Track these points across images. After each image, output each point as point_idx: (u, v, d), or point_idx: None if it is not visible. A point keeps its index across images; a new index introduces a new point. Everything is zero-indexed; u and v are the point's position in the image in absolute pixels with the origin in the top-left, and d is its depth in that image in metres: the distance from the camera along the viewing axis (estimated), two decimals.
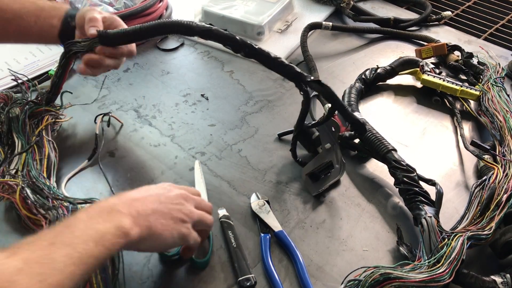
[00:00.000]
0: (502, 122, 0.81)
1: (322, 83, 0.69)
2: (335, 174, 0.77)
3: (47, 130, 0.81)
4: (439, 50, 1.03)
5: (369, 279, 0.58)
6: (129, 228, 0.53)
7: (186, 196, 0.63)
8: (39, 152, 0.76)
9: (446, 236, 0.63)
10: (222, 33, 0.71)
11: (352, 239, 0.71)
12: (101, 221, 0.52)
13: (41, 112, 0.81)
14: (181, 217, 0.59)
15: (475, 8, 1.28)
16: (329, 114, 0.73)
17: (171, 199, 0.60)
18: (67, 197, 0.69)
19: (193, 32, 0.72)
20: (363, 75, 0.96)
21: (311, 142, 0.81)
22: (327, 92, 0.70)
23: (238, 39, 0.70)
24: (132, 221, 0.54)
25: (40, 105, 0.81)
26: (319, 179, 0.78)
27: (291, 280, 0.65)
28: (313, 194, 0.77)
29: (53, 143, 0.79)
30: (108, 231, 0.51)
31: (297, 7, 1.22)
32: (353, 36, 1.15)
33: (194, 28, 0.71)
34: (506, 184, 0.69)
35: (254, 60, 0.72)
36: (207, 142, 0.87)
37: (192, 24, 0.71)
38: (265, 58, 0.71)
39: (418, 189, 0.71)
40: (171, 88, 0.99)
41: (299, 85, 0.72)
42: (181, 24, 0.72)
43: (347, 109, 0.74)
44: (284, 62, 0.71)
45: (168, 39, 1.12)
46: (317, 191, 0.76)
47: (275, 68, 0.72)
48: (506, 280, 0.61)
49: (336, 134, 0.78)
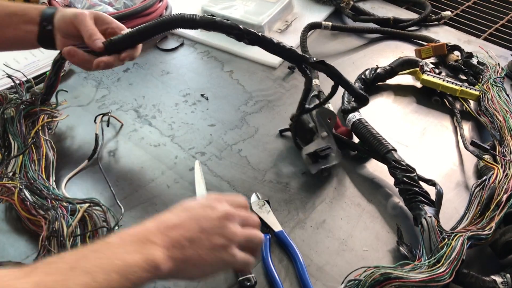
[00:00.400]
0: (502, 122, 0.81)
1: (326, 63, 0.73)
2: (332, 160, 0.79)
3: (44, 129, 0.80)
4: (439, 50, 1.03)
5: (369, 279, 0.58)
6: (160, 262, 0.48)
7: (232, 215, 0.55)
8: (37, 152, 0.76)
9: (446, 236, 0.63)
10: (225, 23, 0.72)
11: (352, 239, 0.71)
12: (131, 251, 0.47)
13: (37, 112, 0.80)
14: (223, 243, 0.53)
15: (474, 8, 1.28)
16: (333, 90, 0.76)
17: (212, 222, 0.54)
18: (66, 197, 0.69)
19: (197, 25, 0.73)
20: (362, 75, 0.96)
21: (307, 131, 0.83)
22: (331, 71, 0.74)
23: (242, 28, 0.72)
24: (165, 254, 0.49)
25: (35, 105, 0.80)
26: (318, 161, 0.79)
27: (291, 280, 0.65)
28: (313, 172, 0.78)
29: (51, 142, 0.79)
30: (136, 263, 0.46)
31: (296, 7, 1.22)
32: (353, 36, 1.15)
33: (198, 21, 0.72)
34: (506, 184, 0.69)
35: (258, 46, 0.74)
36: (207, 142, 0.87)
37: (196, 18, 0.72)
38: (268, 43, 0.73)
39: (418, 189, 0.71)
40: (171, 88, 0.99)
41: (300, 67, 0.75)
42: (185, 18, 0.73)
43: (351, 85, 0.77)
44: (286, 46, 0.74)
45: (168, 39, 1.12)
46: (318, 169, 0.78)
47: (278, 52, 0.75)
48: (506, 280, 0.61)
49: (332, 125, 0.81)
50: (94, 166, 0.81)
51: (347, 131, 0.85)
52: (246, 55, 1.06)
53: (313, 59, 0.74)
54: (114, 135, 0.87)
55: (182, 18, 0.73)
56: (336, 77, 0.75)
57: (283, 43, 0.74)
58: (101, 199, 0.68)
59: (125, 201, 0.75)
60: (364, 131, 0.81)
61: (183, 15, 0.73)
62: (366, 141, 0.81)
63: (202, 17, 0.72)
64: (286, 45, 0.74)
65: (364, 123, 0.83)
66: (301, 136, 0.84)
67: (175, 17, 0.73)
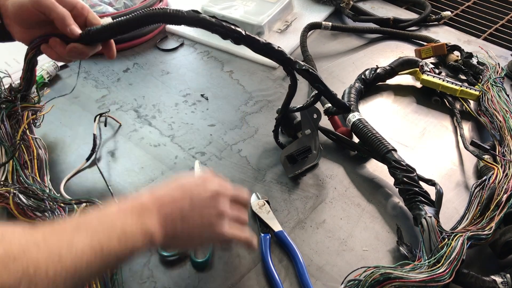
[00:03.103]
0: (502, 122, 0.81)
1: (310, 72, 0.71)
2: (312, 159, 0.80)
3: (30, 127, 0.77)
4: (439, 50, 1.03)
5: (369, 279, 0.58)
6: (155, 234, 0.52)
7: (222, 194, 0.59)
8: (27, 152, 0.74)
9: (446, 236, 0.63)
10: (209, 20, 0.69)
11: (352, 239, 0.71)
12: (129, 221, 0.51)
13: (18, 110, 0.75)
14: (213, 221, 0.57)
15: (474, 8, 1.29)
16: (315, 99, 0.76)
17: (205, 201, 0.57)
18: (63, 198, 0.69)
19: (180, 21, 0.69)
20: (362, 75, 0.96)
21: (292, 127, 0.83)
22: (315, 80, 0.72)
23: (225, 25, 0.69)
24: (159, 227, 0.53)
25: (15, 103, 0.75)
26: (297, 162, 0.79)
27: (291, 280, 0.65)
28: (289, 176, 0.79)
29: (40, 140, 0.77)
30: (134, 233, 0.50)
31: (296, 7, 1.22)
32: (353, 36, 1.15)
33: (181, 16, 0.68)
34: (506, 184, 0.69)
35: (244, 45, 0.70)
36: (207, 142, 0.87)
37: (179, 13, 0.68)
38: (255, 43, 0.70)
39: (418, 189, 0.71)
40: (171, 88, 0.99)
41: (287, 69, 0.73)
42: (167, 13, 0.69)
43: (334, 95, 0.76)
44: (274, 47, 0.71)
45: (168, 39, 1.12)
46: (293, 173, 0.79)
47: (265, 53, 0.71)
48: (506, 280, 0.61)
49: (317, 121, 0.81)
50: (93, 166, 0.81)
51: (347, 131, 0.86)
52: (246, 55, 1.06)
53: (299, 65, 0.71)
54: (114, 135, 0.87)
55: (164, 13, 0.69)
56: (320, 86, 0.72)
57: (272, 44, 0.71)
58: (101, 200, 0.68)
59: None
60: (364, 131, 0.81)
61: (166, 10, 0.69)
62: (366, 141, 0.81)
63: (187, 12, 0.68)
64: (274, 46, 0.71)
65: (364, 123, 0.83)
66: (287, 131, 0.84)
67: (157, 12, 0.69)
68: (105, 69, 1.02)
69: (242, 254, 0.69)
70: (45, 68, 0.96)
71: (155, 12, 0.69)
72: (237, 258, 0.68)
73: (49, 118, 0.85)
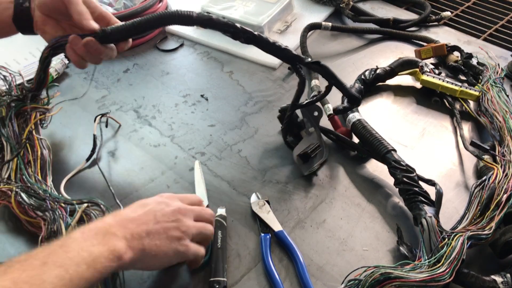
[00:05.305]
0: (502, 123, 0.81)
1: (320, 63, 0.73)
2: (321, 155, 0.81)
3: (37, 127, 0.78)
4: (439, 50, 1.03)
5: (369, 278, 0.58)
6: (122, 252, 0.53)
7: (184, 210, 0.62)
8: (32, 151, 0.74)
9: (446, 236, 0.63)
10: (222, 21, 0.72)
11: (352, 239, 0.71)
12: (95, 243, 0.51)
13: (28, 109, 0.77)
14: (177, 235, 0.59)
15: (474, 9, 1.29)
16: (327, 90, 0.78)
17: (167, 216, 0.59)
18: (64, 198, 0.69)
19: (193, 22, 0.73)
20: (362, 76, 0.96)
21: (295, 125, 0.84)
22: (326, 71, 0.74)
23: (238, 26, 0.72)
24: (126, 244, 0.54)
25: (25, 103, 0.77)
26: (309, 160, 0.80)
27: (291, 280, 0.65)
28: (305, 174, 0.79)
29: (45, 140, 0.78)
30: (101, 254, 0.51)
31: (296, 8, 1.22)
32: (353, 37, 1.15)
33: (194, 18, 0.72)
34: (506, 184, 0.69)
35: (254, 45, 0.74)
36: (207, 143, 0.87)
37: (192, 14, 0.72)
38: (264, 43, 0.73)
39: (418, 189, 0.71)
40: (170, 88, 0.99)
41: (295, 67, 0.76)
42: (181, 14, 0.72)
43: (345, 85, 0.77)
44: (281, 45, 0.74)
45: (167, 40, 1.12)
46: (309, 171, 0.79)
47: (274, 52, 0.74)
48: (506, 279, 0.61)
49: (318, 119, 0.83)
50: (94, 166, 0.81)
51: (347, 131, 0.86)
52: (246, 55, 1.06)
53: (308, 60, 0.74)
54: (114, 135, 0.88)
55: (178, 14, 0.72)
56: (331, 78, 0.75)
57: (279, 43, 0.74)
58: (101, 200, 0.68)
59: (125, 201, 0.75)
60: (364, 131, 0.81)
61: (180, 11, 0.72)
62: (366, 141, 0.81)
63: (199, 14, 0.72)
64: (281, 44, 0.74)
65: (364, 124, 0.83)
66: (289, 130, 0.85)
67: (171, 13, 0.72)
68: (105, 69, 1.02)
69: (242, 254, 0.69)
70: (53, 66, 0.95)
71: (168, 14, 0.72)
72: (237, 258, 0.68)
73: None
